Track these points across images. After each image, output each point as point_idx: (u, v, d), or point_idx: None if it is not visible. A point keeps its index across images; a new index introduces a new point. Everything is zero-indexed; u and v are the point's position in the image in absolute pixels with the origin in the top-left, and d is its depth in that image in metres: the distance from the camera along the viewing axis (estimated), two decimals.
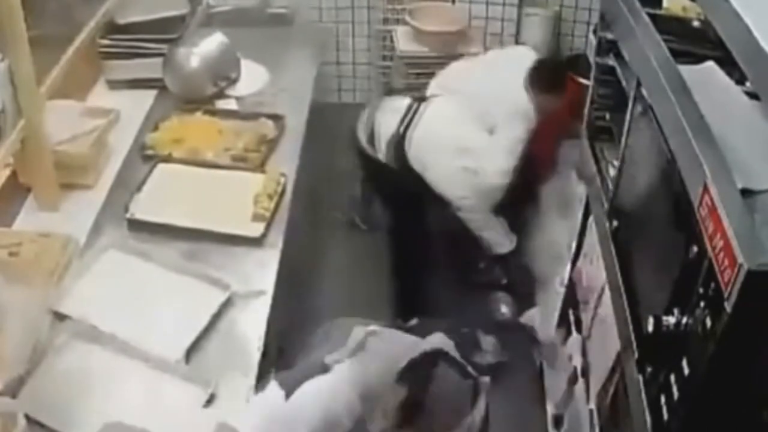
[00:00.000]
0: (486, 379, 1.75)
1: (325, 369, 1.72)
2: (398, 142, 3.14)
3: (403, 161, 3.15)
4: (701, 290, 1.41)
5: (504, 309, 3.32)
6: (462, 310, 3.32)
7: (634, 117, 1.95)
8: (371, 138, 3.22)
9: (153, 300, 2.21)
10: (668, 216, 1.66)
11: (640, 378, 1.71)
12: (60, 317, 2.13)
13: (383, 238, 3.49)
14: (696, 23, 2.16)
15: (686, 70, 1.76)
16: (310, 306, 3.32)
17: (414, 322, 3.26)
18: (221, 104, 3.11)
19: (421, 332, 1.80)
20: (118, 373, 2.03)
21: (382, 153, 3.20)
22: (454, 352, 1.72)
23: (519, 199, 3.33)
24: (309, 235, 3.36)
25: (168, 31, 3.15)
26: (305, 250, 3.23)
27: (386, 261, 3.42)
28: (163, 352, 2.05)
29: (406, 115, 3.16)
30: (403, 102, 3.22)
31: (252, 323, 2.20)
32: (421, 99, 3.23)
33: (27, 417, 1.79)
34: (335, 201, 3.88)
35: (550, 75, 3.14)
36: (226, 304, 2.22)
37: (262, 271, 2.36)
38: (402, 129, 3.13)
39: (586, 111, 2.56)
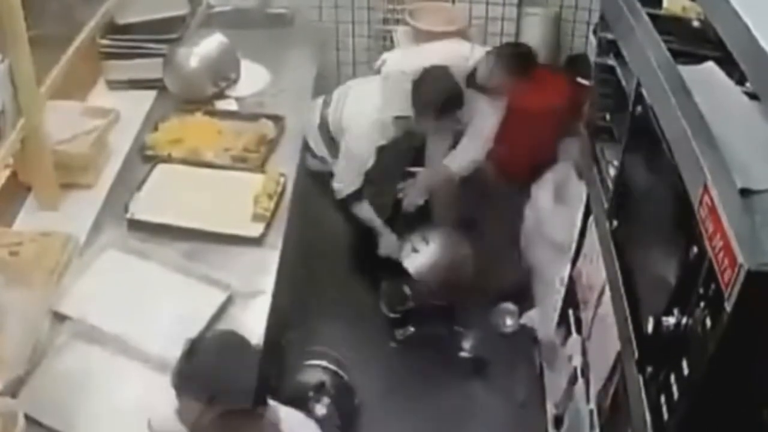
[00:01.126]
0: None
1: None
2: (324, 126, 3.20)
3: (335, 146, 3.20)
4: (701, 290, 1.41)
5: (509, 321, 3.30)
6: (464, 324, 3.33)
7: (635, 117, 1.95)
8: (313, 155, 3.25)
9: (153, 300, 2.21)
10: (668, 216, 1.66)
11: (640, 378, 1.71)
12: (60, 317, 2.13)
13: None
14: (696, 23, 2.16)
15: (686, 71, 1.76)
16: (309, 307, 3.32)
17: (411, 331, 3.28)
18: (221, 105, 3.11)
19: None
20: (118, 373, 2.03)
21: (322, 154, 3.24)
22: None
23: (517, 195, 3.32)
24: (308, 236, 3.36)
25: (168, 32, 3.15)
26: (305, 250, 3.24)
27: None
28: (162, 352, 2.04)
29: (325, 103, 3.24)
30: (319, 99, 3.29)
31: (252, 323, 2.20)
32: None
33: (27, 417, 1.79)
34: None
35: (515, 57, 3.17)
36: (226, 304, 2.22)
37: (262, 271, 2.36)
38: (325, 114, 3.20)
39: (586, 111, 2.57)
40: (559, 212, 3.16)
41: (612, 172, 2.25)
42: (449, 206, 3.38)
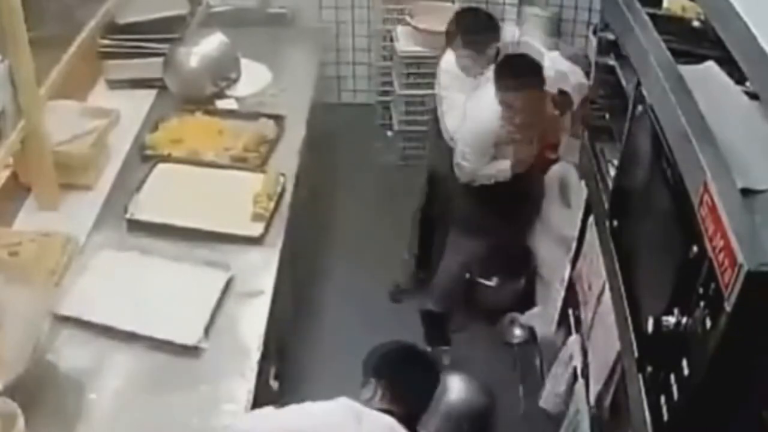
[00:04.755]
0: None
1: None
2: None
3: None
4: (701, 290, 1.41)
5: (518, 332, 3.29)
6: (472, 336, 3.33)
7: (634, 117, 1.95)
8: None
9: (158, 290, 2.23)
10: (668, 216, 1.66)
11: (640, 378, 1.71)
12: (60, 317, 2.13)
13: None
14: (696, 23, 2.16)
15: (686, 70, 1.76)
16: (310, 307, 3.33)
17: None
18: (221, 104, 3.11)
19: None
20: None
21: None
22: None
23: (520, 195, 3.29)
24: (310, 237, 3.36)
25: (168, 31, 3.15)
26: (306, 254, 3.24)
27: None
28: (177, 340, 2.08)
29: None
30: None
31: (252, 323, 2.20)
32: None
33: (27, 416, 1.79)
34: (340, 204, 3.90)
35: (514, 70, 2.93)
36: (227, 302, 2.23)
37: (261, 271, 2.36)
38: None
39: (585, 111, 2.57)
40: (563, 208, 3.15)
41: (612, 172, 2.25)
42: None
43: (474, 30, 3.00)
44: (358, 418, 1.72)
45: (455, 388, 2.83)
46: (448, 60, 3.08)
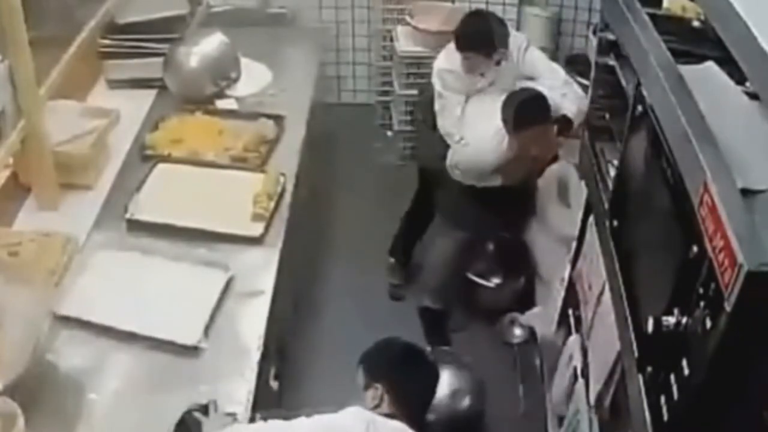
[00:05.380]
0: None
1: None
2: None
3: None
4: (701, 290, 1.41)
5: (518, 332, 3.29)
6: (472, 336, 3.33)
7: (634, 117, 1.95)
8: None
9: (158, 290, 2.22)
10: (668, 216, 1.66)
11: (640, 378, 1.71)
12: (60, 317, 2.13)
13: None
14: (696, 23, 2.16)
15: (686, 70, 1.76)
16: (310, 307, 3.33)
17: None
18: (221, 104, 3.11)
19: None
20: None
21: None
22: None
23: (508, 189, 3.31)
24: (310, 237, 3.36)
25: (168, 31, 3.15)
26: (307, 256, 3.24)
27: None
28: (178, 340, 2.08)
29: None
30: None
31: (252, 323, 2.20)
32: None
33: (27, 416, 1.79)
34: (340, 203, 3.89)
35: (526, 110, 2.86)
36: (227, 302, 2.23)
37: (261, 271, 2.36)
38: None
39: (586, 111, 2.57)
40: (562, 208, 3.15)
41: (612, 172, 2.25)
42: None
43: (483, 34, 2.97)
44: (369, 426, 1.72)
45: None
46: (447, 59, 3.06)
